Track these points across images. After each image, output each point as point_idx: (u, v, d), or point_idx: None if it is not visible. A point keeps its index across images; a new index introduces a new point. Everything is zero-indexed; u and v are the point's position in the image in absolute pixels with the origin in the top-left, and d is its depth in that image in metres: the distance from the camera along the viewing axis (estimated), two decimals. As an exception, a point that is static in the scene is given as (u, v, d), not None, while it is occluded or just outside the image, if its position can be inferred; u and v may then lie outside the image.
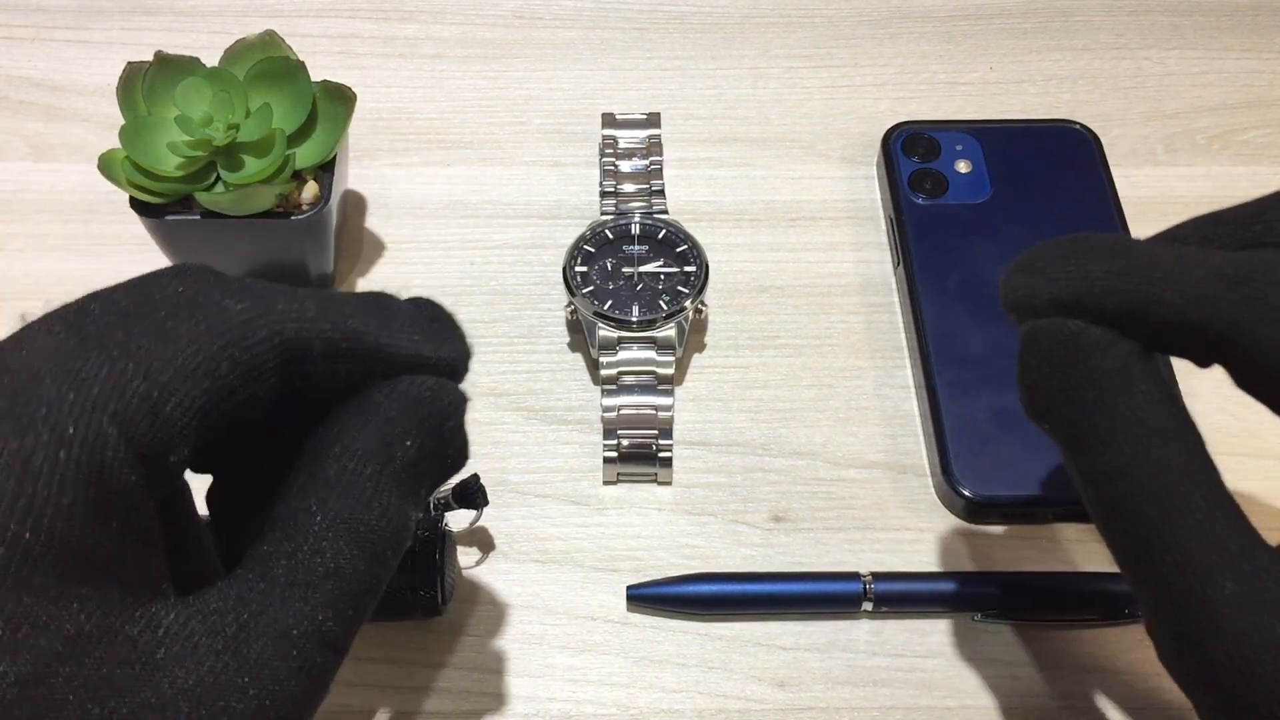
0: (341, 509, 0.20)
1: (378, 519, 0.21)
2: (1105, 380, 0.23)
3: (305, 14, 0.50)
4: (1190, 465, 0.22)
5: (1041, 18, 0.51)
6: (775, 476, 0.37)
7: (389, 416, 0.21)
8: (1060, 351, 0.23)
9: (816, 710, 0.33)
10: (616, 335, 0.37)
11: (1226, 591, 0.20)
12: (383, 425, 0.21)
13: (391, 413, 0.21)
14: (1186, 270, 0.23)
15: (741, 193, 0.45)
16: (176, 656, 0.18)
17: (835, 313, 0.41)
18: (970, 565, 0.35)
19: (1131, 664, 0.33)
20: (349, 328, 0.21)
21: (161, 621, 0.18)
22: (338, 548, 0.20)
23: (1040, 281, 0.24)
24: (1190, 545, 0.21)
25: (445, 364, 0.23)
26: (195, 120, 0.36)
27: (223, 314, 0.20)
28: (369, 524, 0.21)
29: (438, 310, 0.24)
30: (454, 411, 0.23)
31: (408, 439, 0.21)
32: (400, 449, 0.21)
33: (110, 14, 0.50)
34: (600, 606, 0.34)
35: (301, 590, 0.20)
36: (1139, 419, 0.22)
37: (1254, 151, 0.46)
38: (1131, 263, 0.23)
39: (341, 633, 0.20)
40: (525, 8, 0.51)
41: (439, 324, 0.23)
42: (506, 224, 0.43)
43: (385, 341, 0.22)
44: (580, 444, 0.38)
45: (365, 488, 0.21)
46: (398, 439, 0.21)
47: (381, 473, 0.21)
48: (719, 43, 0.50)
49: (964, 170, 0.43)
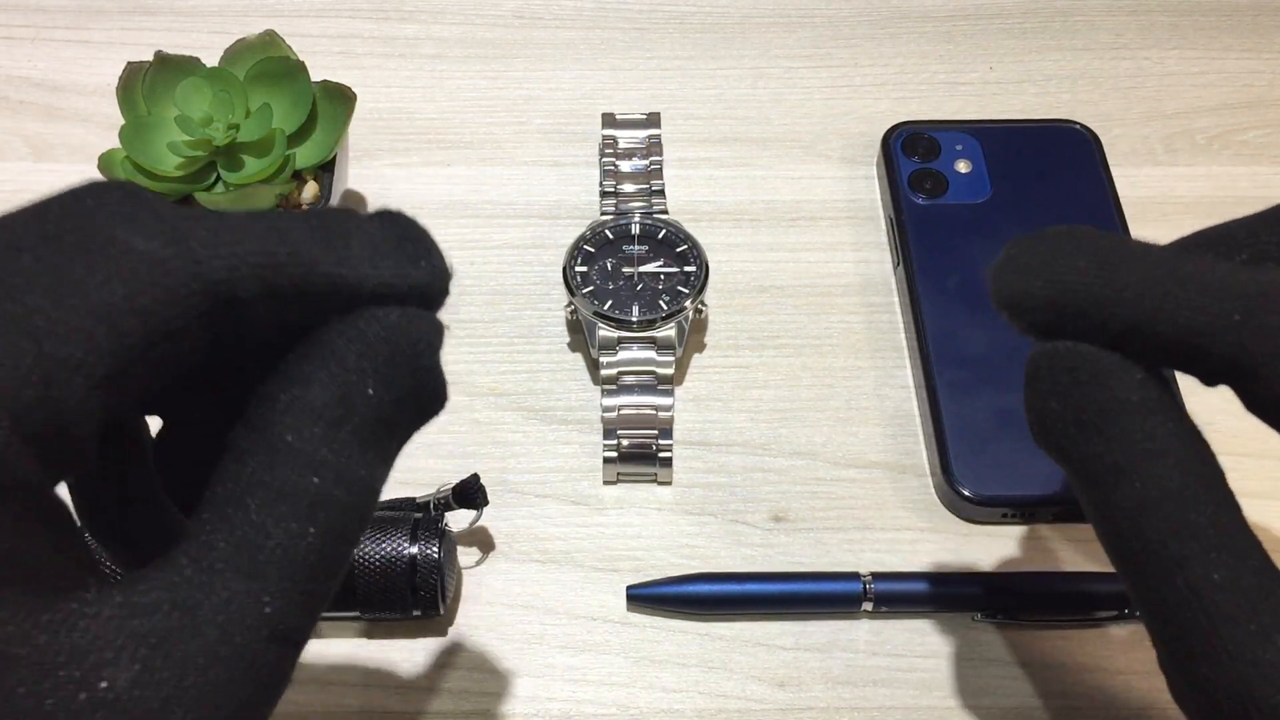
0: (289, 477, 0.17)
1: (333, 487, 0.18)
2: (1121, 411, 0.22)
3: (305, 14, 0.50)
4: (1209, 500, 0.21)
5: (1041, 18, 0.51)
6: (775, 476, 0.37)
7: (345, 361, 0.18)
8: (1071, 380, 0.22)
9: (816, 710, 0.33)
10: (616, 335, 0.37)
11: (1246, 631, 0.20)
12: (338, 372, 0.18)
13: (348, 355, 0.18)
14: (1196, 286, 0.21)
15: (741, 193, 0.45)
16: (95, 664, 0.15)
17: (835, 313, 0.41)
18: (970, 565, 0.35)
19: (1131, 664, 0.33)
20: (294, 259, 0.18)
21: (77, 623, 0.15)
22: (286, 524, 0.17)
23: (1036, 284, 0.22)
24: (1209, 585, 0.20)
25: (419, 290, 0.19)
26: (195, 120, 0.36)
27: (129, 257, 0.16)
28: (323, 493, 0.17)
29: (408, 225, 0.20)
30: (427, 345, 0.19)
31: (369, 385, 0.18)
32: (360, 399, 0.18)
33: (110, 14, 0.50)
34: (600, 606, 0.34)
35: (244, 576, 0.17)
36: (1156, 451, 0.21)
37: (1254, 151, 0.46)
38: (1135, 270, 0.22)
39: (295, 623, 0.17)
40: (525, 8, 0.51)
41: (409, 243, 0.20)
42: (506, 224, 0.43)
43: (341, 272, 0.18)
44: (580, 444, 0.38)
45: (318, 450, 0.18)
46: (357, 387, 0.18)
47: (337, 430, 0.18)
48: (719, 43, 0.50)
49: (964, 170, 0.43)
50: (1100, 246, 0.22)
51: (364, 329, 0.19)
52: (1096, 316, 0.22)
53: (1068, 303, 0.22)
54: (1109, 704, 0.33)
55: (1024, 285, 0.23)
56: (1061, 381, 0.22)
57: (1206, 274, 0.22)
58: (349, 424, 0.18)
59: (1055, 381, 0.22)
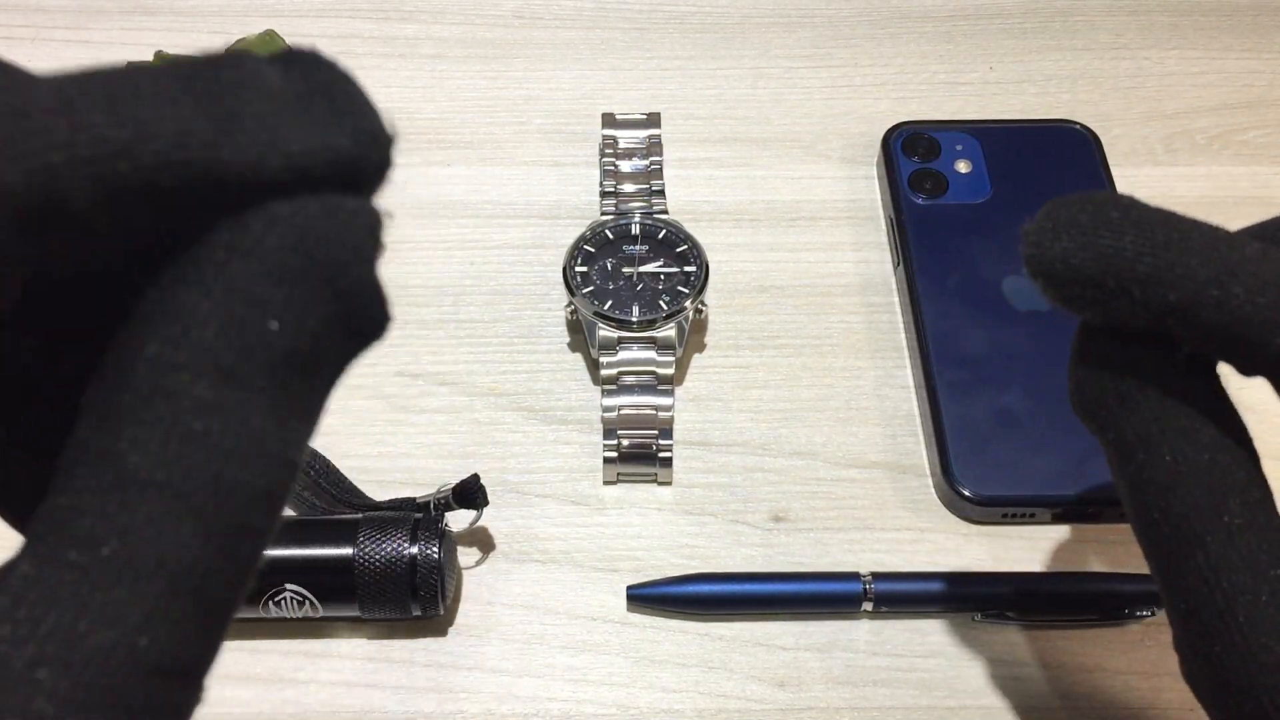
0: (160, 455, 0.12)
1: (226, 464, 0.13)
2: (1159, 386, 0.21)
3: (305, 14, 0.50)
4: (1241, 483, 0.21)
5: (1041, 18, 0.51)
6: (775, 476, 0.37)
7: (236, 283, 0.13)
8: (1115, 353, 0.22)
9: (816, 710, 0.33)
10: (616, 335, 0.37)
11: (1266, 617, 0.20)
12: (226, 299, 0.13)
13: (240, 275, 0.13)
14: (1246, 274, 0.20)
15: (741, 193, 0.45)
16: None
17: (835, 313, 0.41)
18: (970, 565, 0.35)
19: (1131, 664, 0.33)
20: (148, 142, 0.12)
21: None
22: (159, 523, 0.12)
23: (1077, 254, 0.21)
24: (1232, 567, 0.20)
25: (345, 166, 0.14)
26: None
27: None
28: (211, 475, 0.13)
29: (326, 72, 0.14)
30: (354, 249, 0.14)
31: (272, 315, 0.13)
32: (260, 334, 0.13)
33: (110, 14, 0.50)
34: (600, 606, 0.34)
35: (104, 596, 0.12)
36: (1190, 430, 0.21)
37: (1254, 151, 0.46)
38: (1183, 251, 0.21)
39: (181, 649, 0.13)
40: (525, 8, 0.51)
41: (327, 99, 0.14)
42: (506, 224, 0.43)
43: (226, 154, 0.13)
44: (580, 444, 0.38)
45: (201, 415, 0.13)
46: (255, 320, 0.13)
47: (228, 381, 0.13)
48: (719, 43, 0.50)
49: (964, 170, 0.43)
50: (1147, 220, 0.21)
51: (262, 235, 0.13)
52: (1139, 295, 0.21)
53: (1108, 279, 0.21)
54: (1109, 704, 0.33)
55: (1063, 254, 0.21)
56: (1105, 354, 0.22)
57: (1258, 263, 0.21)
58: (244, 373, 0.13)
59: (1099, 354, 0.22)
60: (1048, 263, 0.21)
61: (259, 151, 0.13)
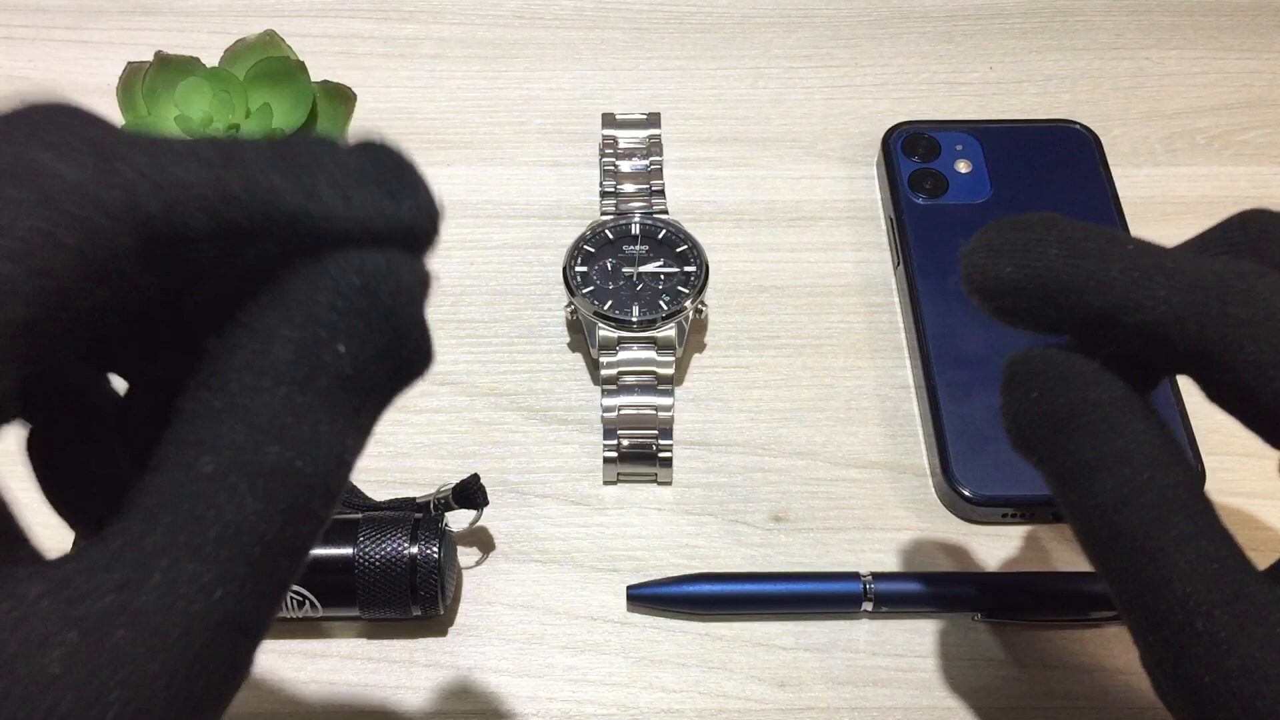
0: (245, 445, 0.15)
1: (296, 457, 0.15)
2: (1095, 411, 0.22)
3: (305, 14, 0.50)
4: (1183, 497, 0.21)
5: (1041, 18, 0.51)
6: (775, 476, 0.37)
7: (312, 312, 0.16)
8: (1045, 382, 0.23)
9: (816, 710, 0.33)
10: (616, 335, 0.37)
11: (1225, 627, 0.20)
12: (304, 325, 0.16)
13: (317, 306, 0.16)
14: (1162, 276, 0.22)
15: (741, 193, 0.45)
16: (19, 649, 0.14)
17: (835, 313, 0.41)
18: (970, 565, 0.35)
19: (1131, 664, 0.33)
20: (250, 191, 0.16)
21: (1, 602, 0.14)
22: (239, 498, 0.15)
23: (1006, 269, 0.22)
24: (1185, 580, 0.21)
25: (402, 231, 0.17)
26: (195, 120, 0.36)
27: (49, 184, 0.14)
28: (283, 465, 0.15)
29: (390, 155, 0.17)
30: (409, 295, 0.17)
31: (340, 341, 0.16)
32: (330, 357, 0.16)
33: (110, 14, 0.50)
34: (600, 606, 0.34)
35: (191, 556, 0.15)
36: (1130, 450, 0.21)
37: (1254, 151, 0.46)
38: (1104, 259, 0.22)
39: (249, 610, 0.15)
40: (525, 8, 0.51)
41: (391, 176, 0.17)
42: (506, 224, 0.43)
43: (308, 207, 0.16)
44: (580, 444, 0.38)
45: (278, 415, 0.15)
46: (326, 343, 0.16)
47: (302, 391, 0.16)
48: (719, 43, 0.50)
49: (964, 170, 0.43)
50: (1071, 234, 0.22)
51: (336, 275, 0.16)
52: (1064, 303, 0.22)
53: (1035, 288, 0.22)
54: (1109, 704, 0.33)
55: (994, 269, 0.23)
56: (1035, 385, 0.23)
57: (1173, 265, 0.22)
58: (315, 386, 0.16)
59: (1029, 385, 0.23)
60: (982, 279, 0.23)
61: (334, 212, 0.16)
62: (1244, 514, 0.36)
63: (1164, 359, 0.22)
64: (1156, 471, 0.21)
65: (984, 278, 0.23)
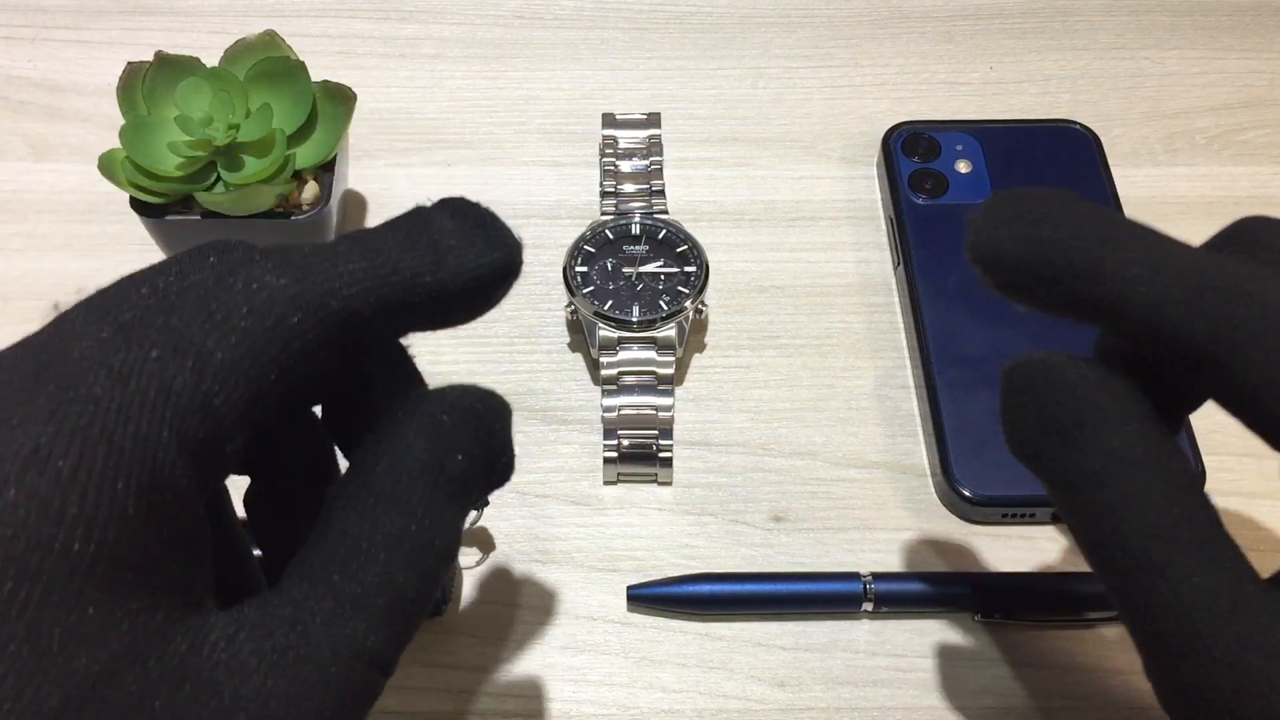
0: (395, 523, 0.19)
1: (430, 533, 0.20)
2: (1093, 418, 0.22)
3: (305, 14, 0.50)
4: (1185, 504, 0.21)
5: (1041, 18, 0.51)
6: (775, 476, 0.37)
7: (441, 427, 0.20)
8: (1044, 388, 0.22)
9: (816, 710, 0.33)
10: (616, 335, 0.37)
11: (1229, 634, 0.20)
12: (436, 435, 0.20)
13: (443, 423, 0.20)
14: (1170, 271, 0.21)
15: (741, 193, 0.45)
16: (224, 675, 0.17)
17: (835, 313, 0.41)
18: (970, 565, 0.35)
19: (1131, 664, 0.33)
20: (401, 276, 0.20)
21: (208, 637, 0.18)
22: (390, 563, 0.19)
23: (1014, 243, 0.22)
24: (1189, 588, 0.20)
25: (500, 272, 0.21)
26: (195, 120, 0.36)
27: (267, 291, 0.18)
28: (422, 539, 0.20)
29: (479, 213, 0.22)
30: (502, 423, 0.22)
31: (459, 450, 0.20)
32: (451, 461, 0.20)
33: (110, 14, 0.50)
34: (600, 606, 0.34)
35: (352, 607, 0.19)
36: (1129, 457, 0.21)
37: (1254, 151, 0.46)
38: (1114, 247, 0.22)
39: (390, 652, 0.19)
40: (525, 8, 0.51)
41: (483, 229, 0.21)
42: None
43: (440, 278, 0.20)
44: (580, 444, 0.38)
45: (419, 501, 0.20)
46: (449, 450, 0.20)
47: (435, 485, 0.20)
48: (719, 43, 0.50)
49: (964, 170, 0.43)
50: (1083, 216, 0.22)
51: (456, 401, 0.21)
52: (1069, 286, 0.22)
53: (1042, 268, 0.22)
54: (1109, 704, 0.33)
55: (1002, 242, 0.22)
56: (1034, 392, 0.23)
57: (1182, 260, 0.21)
58: (443, 480, 0.20)
59: (1029, 392, 0.23)
60: (988, 249, 0.22)
61: (455, 274, 0.21)
62: (1244, 514, 0.36)
63: (1163, 353, 0.22)
64: (1159, 480, 0.21)
65: (988, 248, 0.23)
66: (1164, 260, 0.21)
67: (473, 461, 0.21)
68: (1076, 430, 0.22)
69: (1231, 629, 0.20)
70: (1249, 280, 0.21)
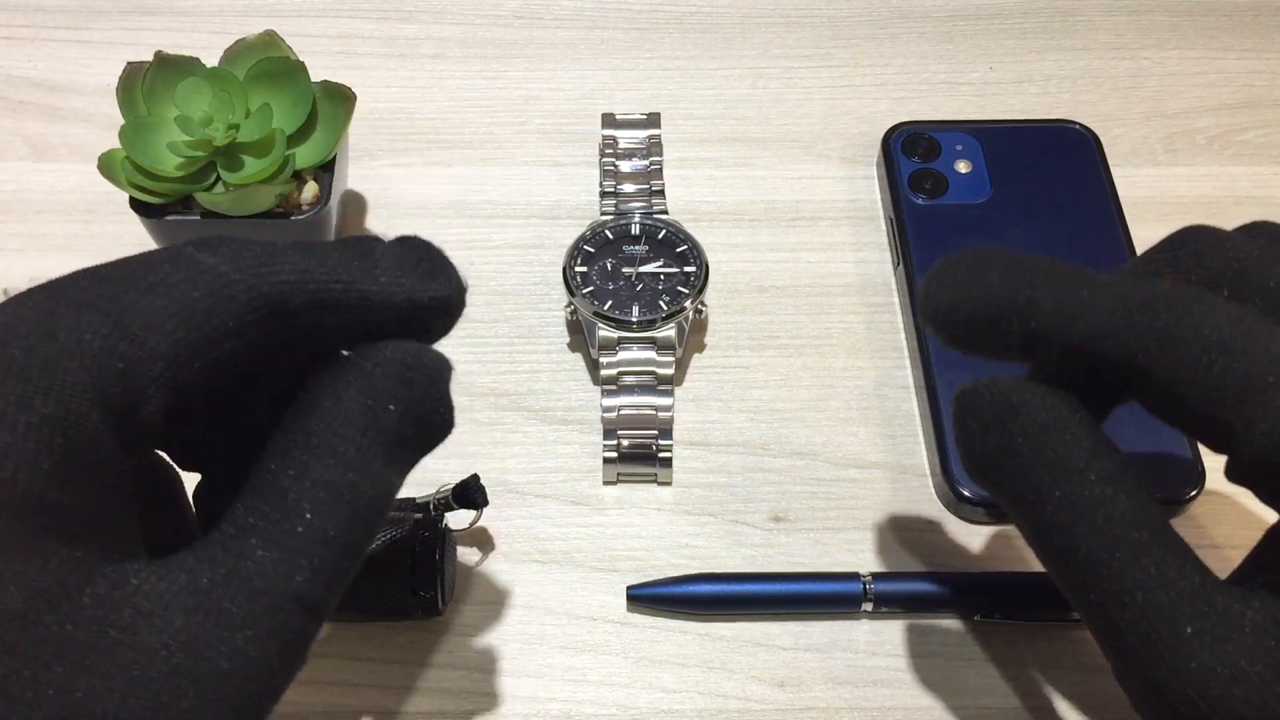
0: (324, 471, 0.20)
1: (360, 480, 0.20)
2: (1040, 433, 0.23)
3: (305, 14, 0.50)
4: (1135, 509, 0.22)
5: (1041, 18, 0.51)
6: (775, 476, 0.37)
7: (372, 379, 0.21)
8: (992, 411, 0.24)
9: (816, 710, 0.33)
10: (616, 335, 0.37)
11: (1187, 633, 0.21)
12: (366, 388, 0.21)
13: (375, 375, 0.21)
14: (1091, 296, 0.23)
15: (741, 193, 0.45)
16: (145, 615, 0.18)
17: (835, 313, 0.41)
18: (970, 565, 0.35)
19: (1131, 664, 0.33)
20: (331, 278, 0.21)
21: (129, 579, 0.18)
22: (318, 510, 0.20)
23: (954, 298, 0.24)
24: (1146, 590, 0.21)
25: (438, 302, 0.22)
26: (195, 120, 0.36)
27: (199, 268, 0.20)
28: (352, 486, 0.20)
29: (425, 247, 0.23)
30: (437, 376, 0.22)
31: (391, 403, 0.21)
32: (383, 413, 0.21)
33: (110, 14, 0.50)
34: (600, 606, 0.34)
35: (279, 550, 0.19)
36: (1078, 468, 0.22)
37: (1254, 151, 0.46)
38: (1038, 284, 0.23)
39: (320, 596, 0.20)
40: (525, 8, 0.51)
41: (427, 262, 0.23)
42: (506, 224, 0.43)
43: (371, 289, 0.21)
44: (580, 444, 0.38)
45: (349, 450, 0.20)
46: (381, 402, 0.21)
47: (365, 435, 0.20)
48: (719, 43, 0.50)
49: (964, 170, 0.43)
50: (1009, 264, 0.24)
51: (388, 355, 0.21)
52: (1004, 326, 0.24)
53: (979, 314, 0.24)
54: (1109, 704, 0.33)
55: (944, 299, 0.24)
56: (985, 412, 0.24)
57: (1103, 285, 0.23)
58: (374, 431, 0.21)
59: (979, 413, 0.24)
60: (933, 310, 0.25)
61: (390, 292, 0.22)
62: (1244, 514, 0.36)
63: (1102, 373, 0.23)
64: (1107, 487, 0.22)
65: (934, 308, 0.25)
66: (1087, 288, 0.23)
67: (406, 411, 0.21)
68: (1024, 447, 0.23)
69: (1187, 624, 0.21)
70: (1166, 297, 0.23)
